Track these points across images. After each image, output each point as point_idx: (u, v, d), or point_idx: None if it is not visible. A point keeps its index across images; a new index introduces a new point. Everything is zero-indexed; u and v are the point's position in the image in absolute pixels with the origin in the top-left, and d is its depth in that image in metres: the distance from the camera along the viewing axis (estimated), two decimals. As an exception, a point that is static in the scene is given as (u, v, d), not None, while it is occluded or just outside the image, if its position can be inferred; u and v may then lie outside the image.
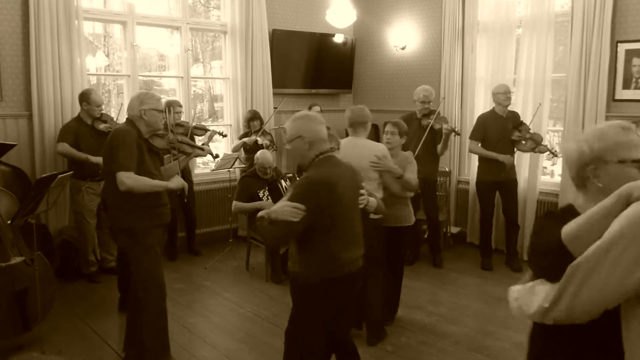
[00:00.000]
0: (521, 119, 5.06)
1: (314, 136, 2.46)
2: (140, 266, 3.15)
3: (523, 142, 4.91)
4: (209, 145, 5.18)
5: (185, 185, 3.33)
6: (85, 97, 4.64)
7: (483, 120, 5.14)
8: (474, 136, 5.15)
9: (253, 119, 5.82)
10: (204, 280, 4.92)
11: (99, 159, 4.57)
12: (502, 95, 5.00)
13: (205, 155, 4.21)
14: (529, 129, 4.93)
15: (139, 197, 3.04)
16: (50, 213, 4.70)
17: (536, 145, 4.86)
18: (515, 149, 5.03)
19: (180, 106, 5.36)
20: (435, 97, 5.35)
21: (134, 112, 3.15)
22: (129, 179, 2.97)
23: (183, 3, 5.81)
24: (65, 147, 4.54)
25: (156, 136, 3.28)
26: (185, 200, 3.82)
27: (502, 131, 4.98)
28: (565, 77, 5.08)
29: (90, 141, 4.60)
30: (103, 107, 4.78)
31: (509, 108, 5.09)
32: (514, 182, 5.15)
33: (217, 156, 5.01)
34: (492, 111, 5.14)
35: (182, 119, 5.32)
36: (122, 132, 3.09)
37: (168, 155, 3.79)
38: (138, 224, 3.10)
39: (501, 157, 4.94)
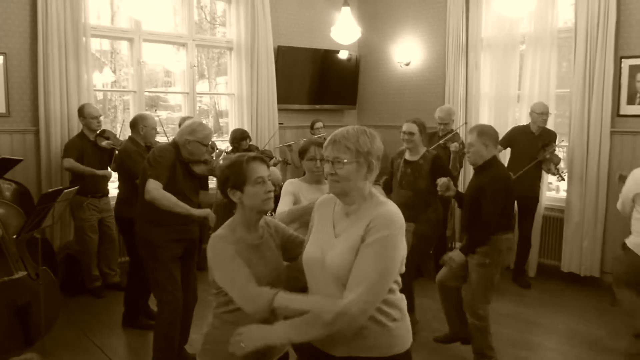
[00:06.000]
0: (552, 140, 5.00)
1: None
2: (153, 278, 3.25)
3: (543, 162, 4.93)
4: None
5: (212, 216, 3.21)
6: (81, 112, 4.70)
7: (513, 132, 5.14)
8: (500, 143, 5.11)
9: (243, 139, 5.35)
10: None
11: (104, 172, 4.66)
12: (538, 115, 4.96)
13: None
14: (553, 150, 4.91)
15: (159, 212, 3.08)
16: (55, 228, 4.72)
17: (550, 166, 4.88)
18: (542, 168, 5.01)
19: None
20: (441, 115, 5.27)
21: (180, 138, 3.20)
22: (155, 190, 3.04)
23: (189, 20, 5.87)
24: (71, 162, 4.56)
25: (199, 162, 3.31)
26: (210, 232, 3.57)
27: (529, 148, 4.95)
28: (569, 92, 5.09)
29: (92, 157, 4.63)
30: (104, 120, 4.84)
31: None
32: (534, 200, 5.13)
33: None
34: (527, 126, 5.11)
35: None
36: (160, 148, 3.22)
37: None
38: (152, 237, 3.18)
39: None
